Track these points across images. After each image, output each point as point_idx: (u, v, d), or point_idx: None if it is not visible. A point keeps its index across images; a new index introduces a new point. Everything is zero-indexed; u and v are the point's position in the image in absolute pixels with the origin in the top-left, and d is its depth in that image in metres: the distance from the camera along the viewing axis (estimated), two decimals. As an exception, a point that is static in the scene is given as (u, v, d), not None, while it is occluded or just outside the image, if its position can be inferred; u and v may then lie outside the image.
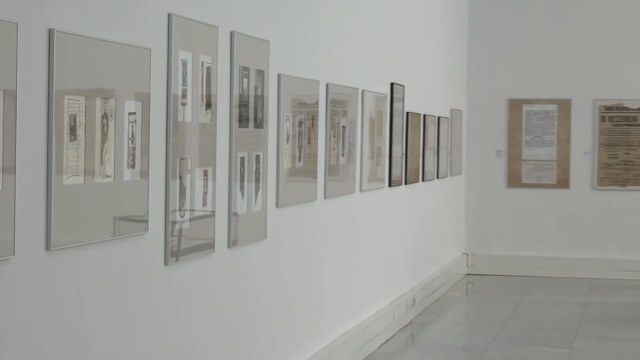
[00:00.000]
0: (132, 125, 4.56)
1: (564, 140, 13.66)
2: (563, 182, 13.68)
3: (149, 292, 4.85)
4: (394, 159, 9.59)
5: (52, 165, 3.96)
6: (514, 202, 13.78)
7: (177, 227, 5.05)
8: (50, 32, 3.93)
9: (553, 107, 13.71)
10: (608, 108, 13.58)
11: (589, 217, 13.58)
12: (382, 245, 9.46)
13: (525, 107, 13.77)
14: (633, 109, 13.53)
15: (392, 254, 9.89)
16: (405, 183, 10.18)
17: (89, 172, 4.21)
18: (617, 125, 13.57)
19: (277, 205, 6.54)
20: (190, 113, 5.18)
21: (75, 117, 4.09)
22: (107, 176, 4.36)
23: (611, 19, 13.53)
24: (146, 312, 4.83)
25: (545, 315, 10.83)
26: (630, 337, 9.67)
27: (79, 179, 4.15)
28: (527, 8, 13.70)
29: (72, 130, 4.08)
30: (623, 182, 13.57)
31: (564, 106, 13.67)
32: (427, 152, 11.12)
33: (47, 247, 3.96)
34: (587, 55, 13.58)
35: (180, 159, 5.08)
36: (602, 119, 13.60)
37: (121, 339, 4.61)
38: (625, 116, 13.56)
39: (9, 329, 3.72)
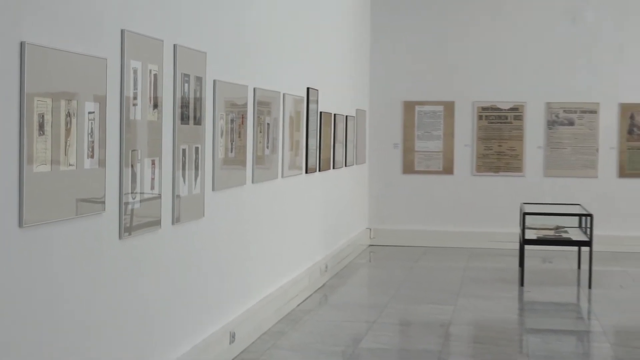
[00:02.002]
0: (91, 123, 4.54)
1: (449, 135, 13.79)
2: (448, 169, 13.81)
3: (106, 262, 4.83)
4: (309, 151, 9.62)
5: (23, 156, 3.94)
6: (408, 186, 13.88)
7: (129, 207, 5.03)
8: (22, 45, 3.91)
9: (440, 108, 13.82)
10: (484, 108, 13.73)
11: (468, 197, 13.73)
12: (300, 222, 9.49)
13: (417, 108, 13.86)
14: (504, 110, 13.69)
15: (308, 228, 9.93)
16: (319, 170, 10.21)
17: (55, 161, 4.19)
18: (491, 122, 13.73)
19: (213, 189, 6.54)
20: (140, 112, 5.15)
21: (43, 116, 4.07)
22: (70, 165, 4.34)
23: (488, 34, 13.67)
24: (104, 278, 4.81)
25: (433, 279, 10.94)
26: (502, 295, 9.79)
27: (47, 167, 4.12)
28: (419, 24, 13.78)
29: (41, 126, 4.05)
30: (496, 169, 13.74)
31: (449, 107, 13.78)
32: (337, 144, 11.16)
33: (20, 224, 3.94)
34: (468, 64, 13.71)
35: (132, 151, 5.06)
36: (480, 117, 13.74)
37: (83, 301, 4.58)
38: (498, 115, 13.72)
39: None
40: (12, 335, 3.93)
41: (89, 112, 4.51)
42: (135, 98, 5.07)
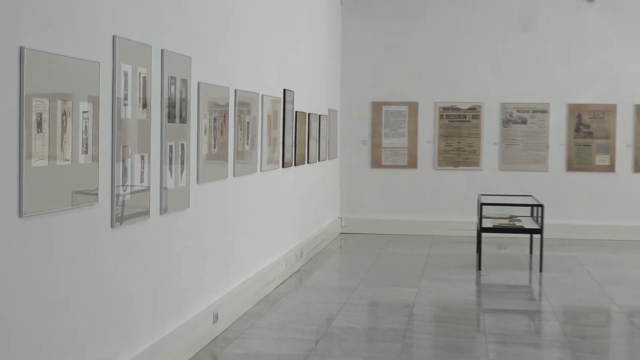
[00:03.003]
0: (86, 121, 4.52)
1: (413, 133, 13.81)
2: (412, 163, 13.83)
3: (99, 248, 4.81)
4: (286, 147, 9.61)
5: (23, 152, 3.93)
6: (376, 179, 13.90)
7: (120, 198, 5.01)
8: (21, 49, 3.89)
9: (404, 108, 13.84)
10: (445, 108, 13.76)
11: (431, 189, 13.77)
12: (277, 212, 9.49)
13: (384, 108, 13.88)
14: (463, 109, 13.74)
15: (284, 218, 9.93)
16: (295, 164, 10.20)
17: (52, 156, 4.17)
18: (452, 121, 13.76)
19: (197, 182, 6.52)
20: (130, 112, 5.14)
21: (41, 115, 4.05)
22: (66, 160, 4.32)
23: (449, 41, 13.70)
24: (97, 263, 4.80)
25: (399, 264, 10.96)
26: (461, 278, 9.82)
27: (44, 162, 4.11)
28: (386, 31, 13.79)
29: (39, 124, 4.03)
30: (456, 164, 13.78)
31: (413, 107, 13.81)
32: (311, 141, 11.16)
33: (20, 214, 3.93)
34: (430, 68, 13.73)
35: (123, 147, 5.04)
36: (441, 116, 13.77)
37: (78, 283, 4.57)
38: (457, 115, 13.76)
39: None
40: (13, 317, 3.92)
41: (84, 112, 4.49)
42: (125, 98, 5.05)
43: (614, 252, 12.12)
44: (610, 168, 13.49)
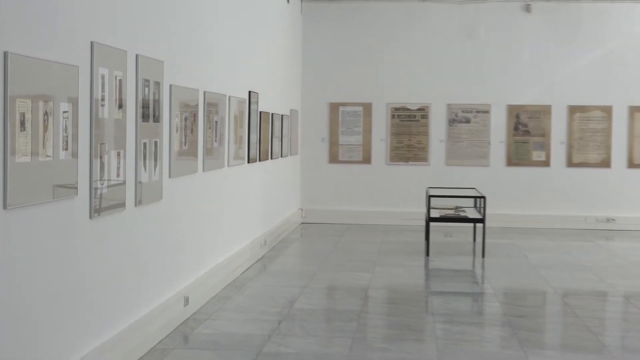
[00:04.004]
0: (66, 120, 4.48)
1: (367, 131, 13.85)
2: (366, 159, 13.88)
3: (79, 238, 4.78)
4: (251, 144, 9.60)
5: (7, 148, 3.89)
6: (334, 173, 13.92)
7: (98, 191, 4.98)
8: (5, 54, 3.86)
9: (359, 108, 13.87)
10: (396, 109, 13.82)
11: (384, 183, 13.82)
12: (243, 203, 9.47)
13: (341, 108, 13.90)
14: (413, 110, 13.80)
15: (250, 209, 9.92)
16: (259, 160, 10.19)
17: (34, 153, 4.14)
18: (402, 121, 13.82)
19: (169, 176, 6.50)
20: (107, 111, 5.10)
21: (24, 115, 4.01)
22: (47, 156, 4.28)
23: (400, 47, 13.75)
24: (76, 253, 4.77)
25: (355, 250, 10.98)
26: (411, 264, 9.87)
27: (27, 158, 4.07)
28: (343, 37, 13.81)
29: (22, 123, 4.00)
30: (406, 159, 13.84)
31: (367, 107, 13.85)
32: (274, 139, 11.15)
33: (4, 206, 3.90)
34: (383, 72, 13.78)
35: (100, 144, 5.01)
36: (393, 116, 13.83)
37: (59, 270, 4.54)
38: (408, 114, 13.82)
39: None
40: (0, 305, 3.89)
41: (64, 112, 4.45)
42: (103, 100, 5.02)
43: (549, 239, 12.26)
44: (546, 163, 13.64)
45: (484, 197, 10.55)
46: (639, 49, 13.51)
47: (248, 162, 9.52)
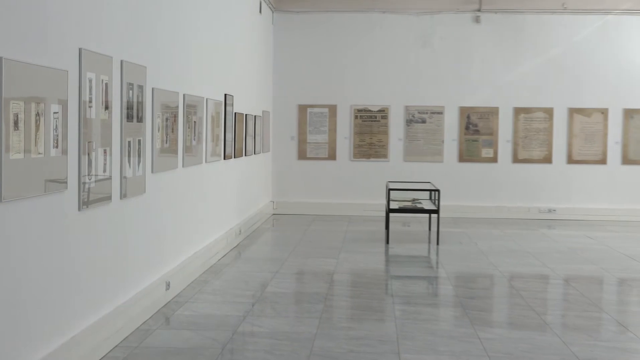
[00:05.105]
0: (56, 120, 4.45)
1: (332, 130, 13.87)
2: (332, 156, 13.89)
3: (68, 228, 4.75)
4: (227, 142, 9.57)
5: (1, 146, 3.85)
6: (302, 168, 13.92)
7: (86, 186, 4.95)
8: (0, 59, 3.80)
9: (325, 110, 13.88)
10: (359, 110, 13.85)
11: (348, 177, 13.85)
12: (220, 196, 9.45)
13: (309, 110, 13.90)
14: (374, 111, 13.84)
15: (226, 201, 9.90)
16: (234, 157, 10.17)
17: (27, 150, 4.10)
18: (364, 121, 13.86)
19: (152, 172, 6.47)
20: (94, 112, 5.07)
21: (17, 115, 3.98)
22: (39, 153, 4.25)
23: (362, 53, 13.77)
24: (66, 242, 4.74)
25: (321, 239, 10.98)
26: (373, 251, 9.90)
27: (21, 155, 4.04)
28: (311, 43, 13.81)
29: (16, 123, 3.97)
30: (368, 156, 13.88)
31: (332, 109, 13.86)
32: (248, 137, 11.12)
33: (0, 199, 3.85)
34: (347, 77, 13.80)
35: (88, 142, 4.98)
36: (355, 117, 13.85)
37: (51, 258, 4.51)
38: (369, 115, 13.85)
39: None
40: (-6, 286, 3.86)
41: (54, 112, 4.42)
42: (90, 101, 4.99)
43: (497, 228, 12.36)
44: (494, 159, 13.76)
45: (438, 190, 10.62)
46: (577, 56, 13.67)
47: (224, 158, 9.49)
